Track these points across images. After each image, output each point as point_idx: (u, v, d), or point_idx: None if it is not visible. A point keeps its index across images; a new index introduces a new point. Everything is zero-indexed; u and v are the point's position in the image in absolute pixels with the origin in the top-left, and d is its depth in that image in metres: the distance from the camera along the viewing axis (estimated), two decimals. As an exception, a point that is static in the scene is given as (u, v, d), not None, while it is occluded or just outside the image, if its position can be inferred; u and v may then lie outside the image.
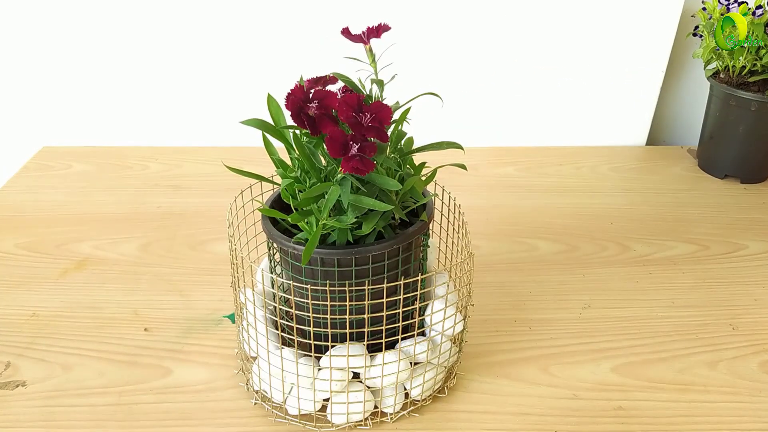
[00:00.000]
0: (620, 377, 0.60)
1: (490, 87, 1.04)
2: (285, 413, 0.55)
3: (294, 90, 0.44)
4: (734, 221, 0.86)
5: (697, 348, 0.63)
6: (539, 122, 1.07)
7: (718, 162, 0.98)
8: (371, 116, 0.43)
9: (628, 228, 0.84)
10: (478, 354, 0.62)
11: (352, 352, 0.50)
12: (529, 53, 1.01)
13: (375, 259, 0.49)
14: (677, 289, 0.72)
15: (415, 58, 0.98)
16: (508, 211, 0.88)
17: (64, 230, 0.82)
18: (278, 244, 0.50)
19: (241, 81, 1.02)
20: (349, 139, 0.42)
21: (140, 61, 1.01)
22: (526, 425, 0.55)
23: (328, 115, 0.44)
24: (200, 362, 0.61)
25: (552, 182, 0.96)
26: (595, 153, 1.06)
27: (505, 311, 0.68)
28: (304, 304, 0.48)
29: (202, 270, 0.74)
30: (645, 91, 1.05)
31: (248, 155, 0.98)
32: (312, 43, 0.98)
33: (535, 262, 0.77)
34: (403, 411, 0.55)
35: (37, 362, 0.61)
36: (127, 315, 0.67)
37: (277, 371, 0.52)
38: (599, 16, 0.98)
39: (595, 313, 0.68)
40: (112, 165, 1.00)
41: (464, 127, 1.07)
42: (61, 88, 1.03)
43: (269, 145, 0.52)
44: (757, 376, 0.60)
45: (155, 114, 1.05)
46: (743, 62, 0.90)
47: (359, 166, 0.42)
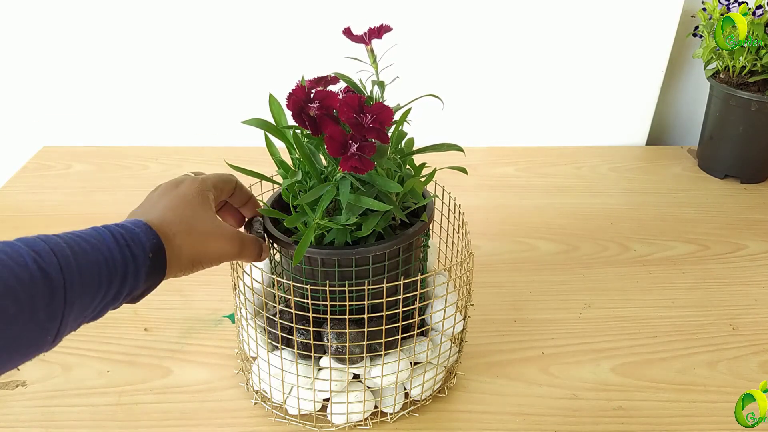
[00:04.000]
0: (620, 377, 0.60)
1: (490, 87, 1.04)
2: (285, 413, 0.55)
3: (295, 90, 0.44)
4: (734, 221, 0.86)
5: (697, 348, 0.63)
6: (539, 122, 1.07)
7: (718, 162, 0.98)
8: (372, 117, 0.43)
9: (628, 228, 0.84)
10: (478, 354, 0.62)
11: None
12: (529, 53, 1.01)
13: (375, 259, 0.49)
14: (677, 289, 0.72)
15: (415, 58, 0.98)
16: (508, 211, 0.88)
17: (64, 230, 0.81)
18: (278, 244, 0.50)
19: (241, 81, 1.02)
20: (348, 138, 0.42)
21: (140, 61, 1.01)
22: (526, 425, 0.55)
23: (329, 115, 0.44)
24: (200, 362, 0.61)
25: (552, 182, 0.96)
26: (595, 153, 1.06)
27: (505, 311, 0.68)
28: (305, 305, 0.48)
29: (202, 270, 0.74)
30: (645, 91, 1.05)
31: (249, 155, 0.98)
32: (313, 43, 0.98)
33: (535, 262, 0.77)
34: (403, 411, 0.55)
35: (37, 362, 0.60)
36: (127, 315, 0.67)
37: (277, 371, 0.52)
38: (599, 16, 0.98)
39: (595, 313, 0.68)
40: (111, 165, 1.00)
41: (464, 127, 1.07)
42: (61, 88, 1.03)
43: (271, 146, 0.52)
44: (757, 376, 0.60)
45: (155, 114, 1.05)
46: (743, 62, 0.90)
47: (358, 165, 0.42)
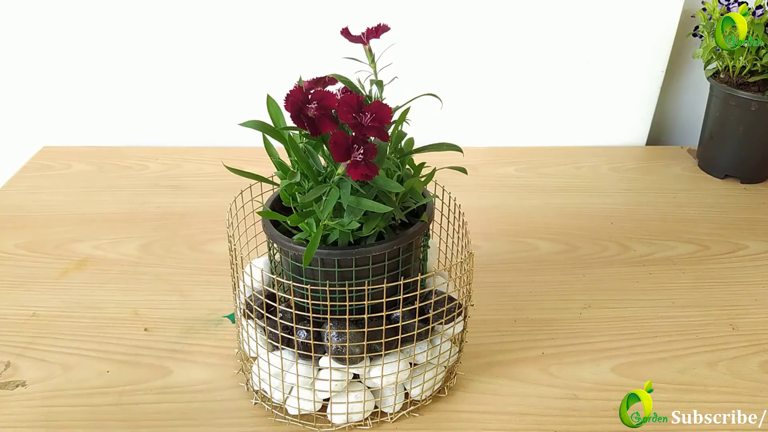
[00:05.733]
0: (620, 377, 0.60)
1: (490, 87, 1.04)
2: (285, 413, 0.55)
3: (293, 91, 0.44)
4: (734, 221, 0.86)
5: (697, 348, 0.63)
6: (539, 122, 1.07)
7: (718, 162, 0.98)
8: (371, 116, 0.43)
9: (628, 228, 0.84)
10: (478, 354, 0.62)
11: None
12: (529, 53, 1.01)
13: (375, 259, 0.49)
14: (677, 289, 0.72)
15: (414, 58, 0.98)
16: (508, 211, 0.88)
17: (64, 230, 0.82)
18: (279, 244, 0.50)
19: (241, 81, 1.02)
20: (351, 142, 0.42)
21: (140, 61, 1.01)
22: (526, 425, 0.55)
23: (328, 115, 0.44)
24: (200, 362, 0.61)
25: (552, 182, 0.96)
26: (595, 153, 1.06)
27: (505, 311, 0.68)
28: (305, 305, 0.48)
29: (202, 270, 0.74)
30: (645, 91, 1.05)
31: (248, 155, 0.98)
32: (311, 44, 0.98)
33: (535, 262, 0.77)
34: (403, 411, 0.55)
35: (37, 362, 0.61)
36: (127, 315, 0.67)
37: (277, 371, 0.52)
38: (599, 16, 0.98)
39: (595, 313, 0.68)
40: (112, 165, 1.00)
41: (464, 127, 1.07)
42: (61, 88, 1.03)
43: (269, 147, 0.52)
44: (757, 376, 0.60)
45: (155, 114, 1.05)
46: (743, 62, 0.90)
47: (366, 172, 0.42)
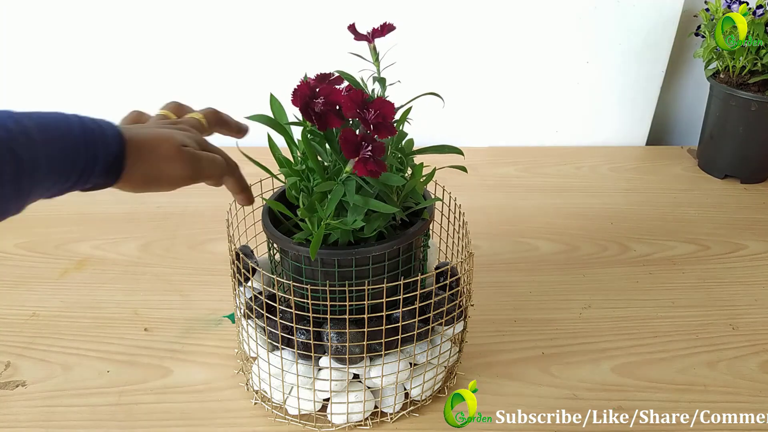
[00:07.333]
0: (620, 377, 0.60)
1: (491, 87, 1.04)
2: (285, 413, 0.55)
3: (300, 86, 0.44)
4: (734, 221, 0.86)
5: (697, 348, 0.63)
6: (539, 122, 1.07)
7: (718, 162, 0.98)
8: (375, 112, 0.43)
9: (628, 228, 0.84)
10: (478, 354, 0.62)
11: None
12: (529, 54, 1.01)
13: (375, 259, 0.49)
14: (677, 289, 0.72)
15: (415, 58, 0.98)
16: (508, 211, 0.88)
17: (64, 230, 0.82)
18: (279, 244, 0.50)
19: (242, 80, 1.02)
20: (360, 139, 0.43)
21: (141, 60, 1.01)
22: (527, 425, 0.55)
23: (334, 110, 0.44)
24: (200, 362, 0.61)
25: (552, 182, 0.96)
26: (595, 153, 1.06)
27: (505, 311, 0.68)
28: (305, 305, 0.48)
29: (202, 270, 0.74)
30: (645, 91, 1.05)
31: (250, 155, 0.98)
32: (315, 42, 0.98)
33: (535, 262, 0.77)
34: (403, 411, 0.55)
35: (37, 362, 0.61)
36: (127, 315, 0.67)
37: (277, 371, 0.52)
38: (599, 16, 0.98)
39: (595, 313, 0.68)
40: (112, 165, 0.99)
41: (464, 127, 1.07)
42: (61, 88, 1.03)
43: (273, 144, 0.52)
44: (757, 376, 0.60)
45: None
46: (743, 62, 0.90)
47: (375, 169, 0.42)
